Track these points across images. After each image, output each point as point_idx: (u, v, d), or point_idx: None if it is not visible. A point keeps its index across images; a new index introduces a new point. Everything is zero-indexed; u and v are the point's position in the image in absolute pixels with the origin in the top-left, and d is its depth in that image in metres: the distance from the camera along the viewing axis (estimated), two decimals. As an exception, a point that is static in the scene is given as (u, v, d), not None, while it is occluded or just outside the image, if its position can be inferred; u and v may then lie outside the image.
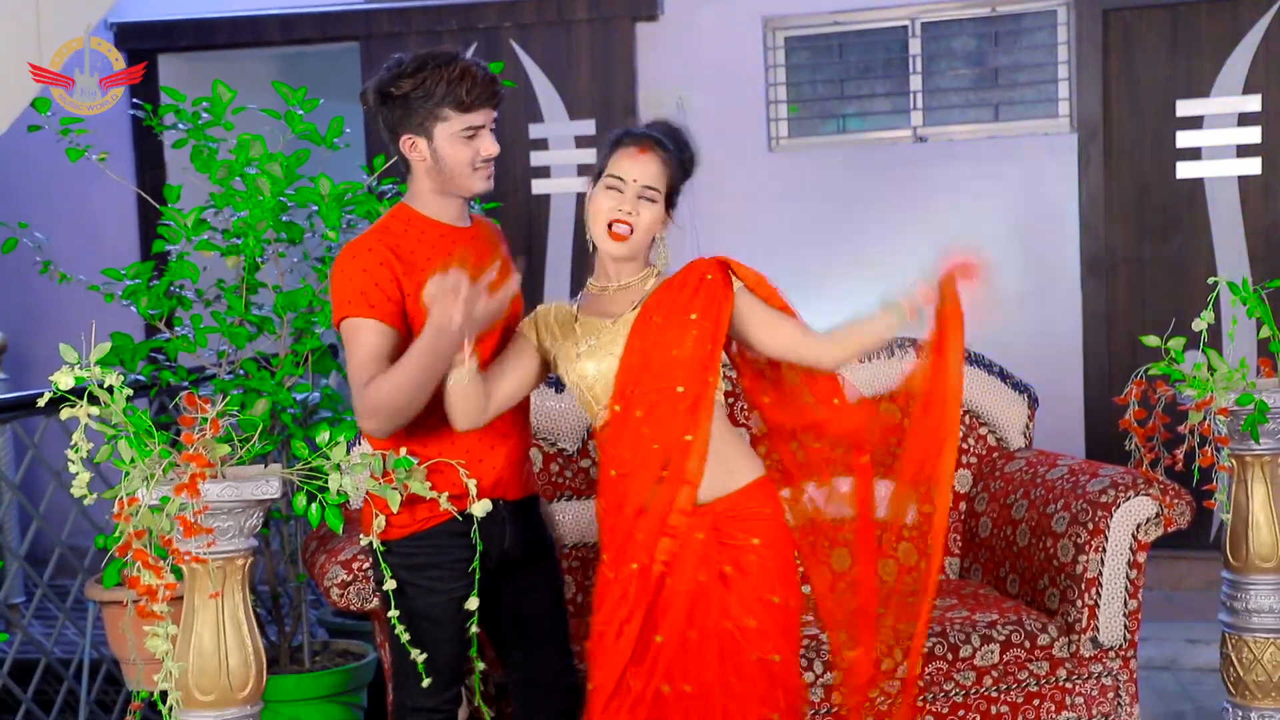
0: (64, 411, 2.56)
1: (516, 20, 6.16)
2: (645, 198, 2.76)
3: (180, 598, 2.73)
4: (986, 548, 3.96)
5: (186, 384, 3.86)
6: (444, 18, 6.20)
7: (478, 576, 2.82)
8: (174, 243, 3.82)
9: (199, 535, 2.60)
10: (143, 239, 6.37)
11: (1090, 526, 3.58)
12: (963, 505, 4.10)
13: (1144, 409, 3.64)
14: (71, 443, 2.56)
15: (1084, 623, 3.58)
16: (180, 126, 3.85)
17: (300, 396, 3.80)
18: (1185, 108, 5.77)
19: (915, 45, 6.01)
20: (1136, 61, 5.82)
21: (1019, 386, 4.15)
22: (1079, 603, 3.58)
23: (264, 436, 2.86)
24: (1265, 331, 3.65)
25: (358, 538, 3.24)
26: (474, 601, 2.82)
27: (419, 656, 2.80)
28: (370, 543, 2.80)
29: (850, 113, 6.15)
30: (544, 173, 6.17)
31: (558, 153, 6.16)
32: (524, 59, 6.15)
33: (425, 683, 2.82)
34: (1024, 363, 4.54)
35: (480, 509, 2.72)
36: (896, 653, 2.91)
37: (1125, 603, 3.59)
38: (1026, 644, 3.57)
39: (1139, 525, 3.58)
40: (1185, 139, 5.79)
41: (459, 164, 2.85)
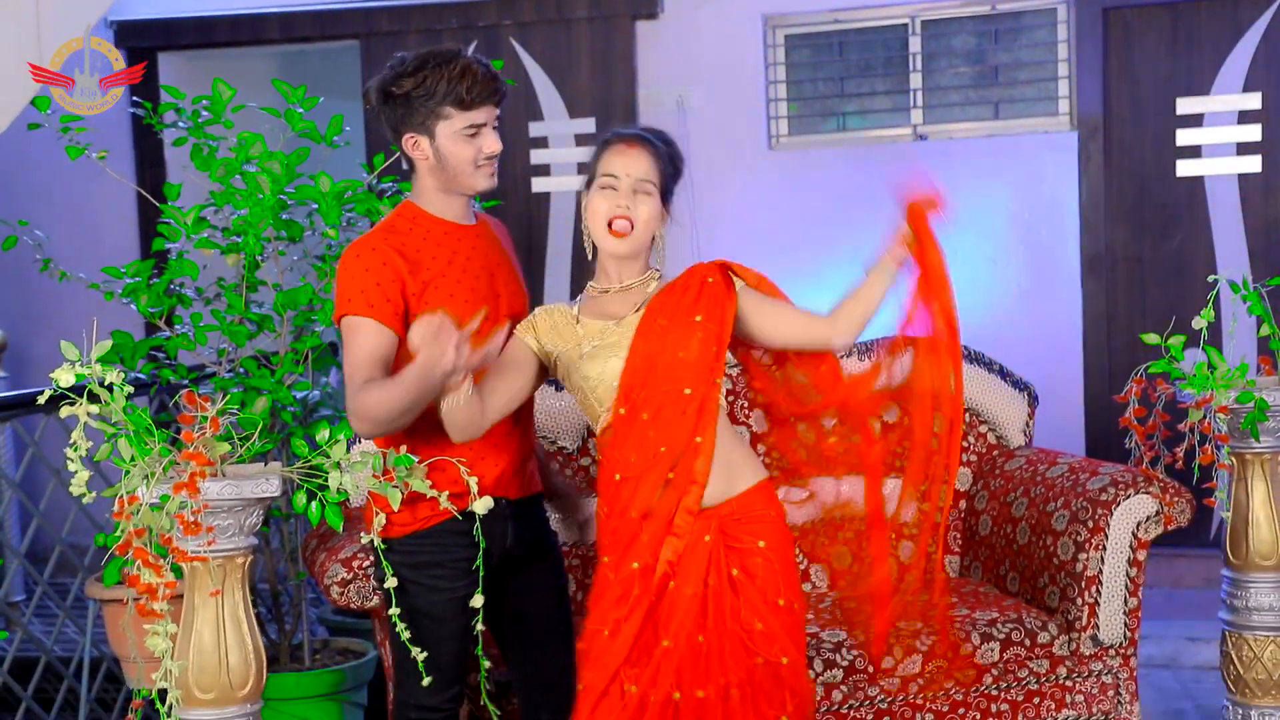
0: (64, 409, 2.56)
1: (516, 18, 6.16)
2: (641, 191, 2.75)
3: (180, 596, 2.74)
4: (986, 546, 3.96)
5: (186, 382, 3.87)
6: (444, 16, 6.20)
7: (481, 574, 2.81)
8: (174, 241, 3.83)
9: (199, 534, 2.60)
10: (143, 237, 6.37)
11: (1090, 524, 3.58)
12: (963, 503, 4.10)
13: (1144, 407, 3.64)
14: (71, 441, 2.55)
15: (1084, 621, 3.58)
16: (180, 125, 3.85)
17: (300, 395, 3.80)
18: (1185, 105, 5.77)
19: (915, 43, 6.01)
20: (1136, 59, 5.82)
21: (1019, 384, 4.15)
22: (1079, 601, 3.58)
23: (264, 435, 2.86)
24: (1265, 329, 3.66)
25: (358, 536, 3.24)
26: (479, 599, 2.81)
27: (420, 655, 2.80)
28: (372, 540, 2.80)
29: (850, 111, 6.15)
30: (544, 171, 6.17)
31: (557, 151, 6.16)
32: (524, 57, 6.14)
33: (425, 681, 2.82)
34: (1024, 361, 4.54)
35: (482, 506, 2.72)
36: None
37: (1125, 600, 3.59)
38: (1027, 642, 3.56)
39: (1139, 523, 3.57)
40: (1185, 137, 5.78)
41: (462, 162, 2.85)
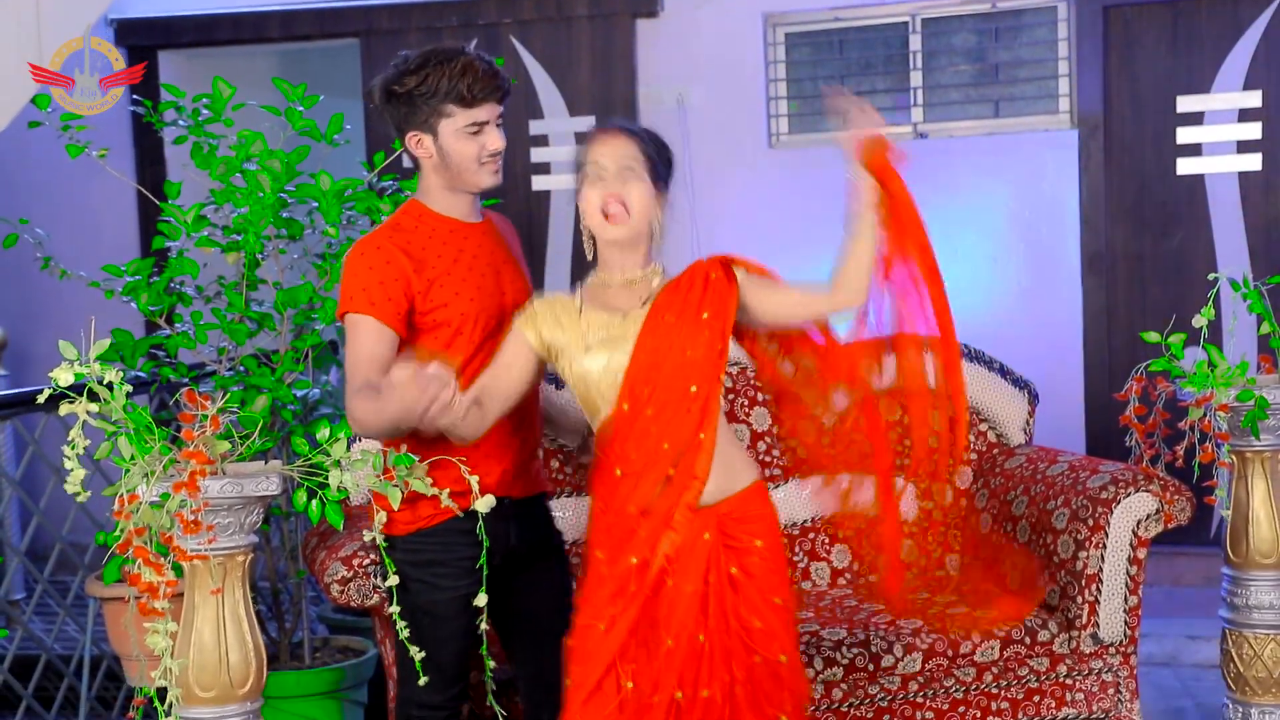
0: (63, 407, 2.56)
1: (517, 16, 6.16)
2: (628, 172, 2.74)
3: (180, 594, 2.74)
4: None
5: (186, 380, 3.86)
6: (444, 14, 6.20)
7: (485, 573, 2.80)
8: (174, 239, 3.83)
9: (199, 532, 2.60)
10: (143, 235, 6.37)
11: (1090, 523, 3.58)
12: (963, 501, 4.10)
13: (1144, 405, 3.64)
14: (68, 439, 2.55)
15: (1084, 619, 3.58)
16: (180, 123, 3.85)
17: (300, 393, 3.80)
18: (1186, 104, 5.77)
19: (916, 41, 6.01)
20: (1137, 57, 5.82)
21: (1019, 383, 4.14)
22: (1079, 599, 3.58)
23: (264, 433, 2.86)
24: (1265, 328, 3.66)
25: (358, 534, 3.24)
26: (483, 598, 2.81)
27: (418, 654, 2.80)
28: (374, 538, 2.80)
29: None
30: (544, 169, 6.17)
31: (558, 149, 6.15)
32: (524, 55, 6.14)
33: (422, 681, 2.81)
34: (1024, 359, 4.53)
35: (484, 505, 2.72)
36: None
37: (1125, 599, 3.59)
38: (1027, 640, 3.56)
39: (1139, 521, 3.57)
40: (1186, 135, 5.78)
41: (465, 159, 2.86)
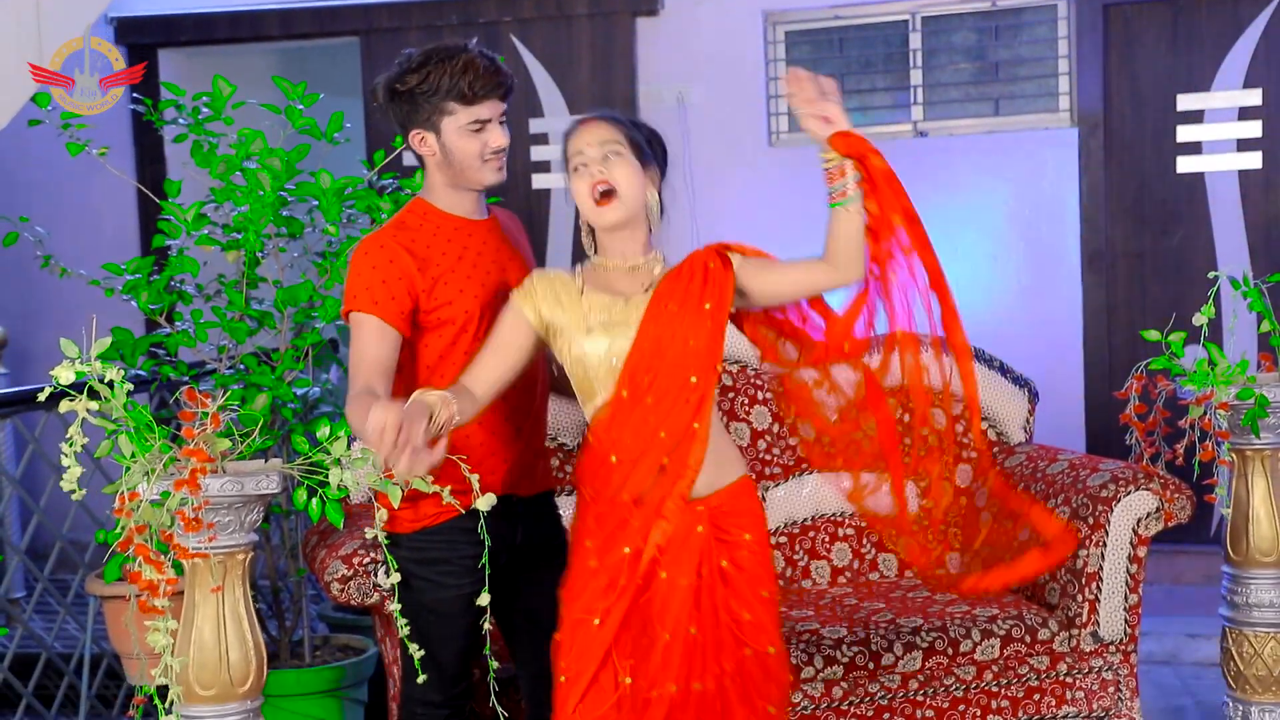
0: (63, 405, 2.56)
1: (516, 15, 6.16)
2: (610, 154, 2.74)
3: (181, 592, 2.74)
4: (987, 542, 3.96)
5: (187, 379, 3.86)
6: (444, 12, 6.20)
7: (488, 572, 2.79)
8: (174, 237, 3.82)
9: (199, 530, 2.60)
10: (143, 234, 6.37)
11: (1091, 521, 3.58)
12: (963, 500, 4.09)
13: (1144, 403, 3.64)
14: (67, 436, 2.55)
15: (1084, 617, 3.58)
16: (180, 121, 3.85)
17: (301, 391, 3.80)
18: (1186, 102, 5.77)
19: (916, 40, 6.01)
20: (1137, 56, 5.82)
21: (1019, 381, 4.14)
22: (1079, 597, 3.58)
23: (264, 431, 2.86)
24: (1266, 326, 3.66)
25: (359, 532, 3.24)
26: (485, 597, 2.79)
27: (417, 652, 2.79)
28: (374, 536, 2.79)
29: (851, 107, 6.04)
30: (544, 167, 6.16)
31: (558, 148, 6.11)
32: (524, 53, 6.14)
33: (420, 678, 2.81)
34: (1024, 357, 4.54)
35: (484, 503, 2.71)
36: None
37: (1126, 597, 3.59)
38: (1027, 639, 3.57)
39: (1139, 520, 3.57)
40: (1186, 133, 5.78)
41: (468, 157, 2.86)
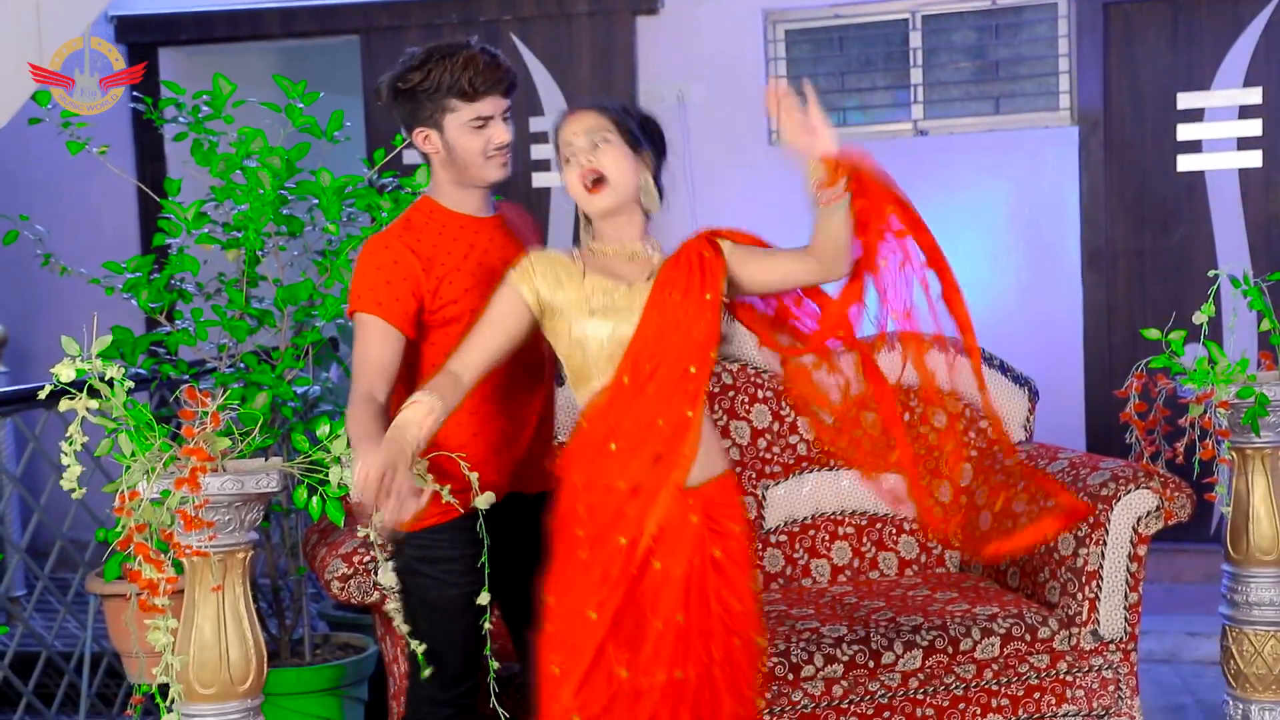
0: (63, 404, 2.56)
1: (517, 13, 6.16)
2: (598, 141, 2.73)
3: (181, 591, 2.74)
4: (987, 541, 3.96)
5: (187, 377, 3.86)
6: (444, 10, 6.20)
7: (487, 571, 2.79)
8: (174, 236, 3.82)
9: (200, 529, 2.60)
10: (143, 232, 6.36)
11: (1091, 519, 3.58)
12: (962, 499, 4.09)
13: (1145, 402, 3.65)
14: (66, 435, 2.55)
15: (1084, 616, 3.58)
16: (180, 120, 3.85)
17: (301, 390, 3.80)
18: (1186, 100, 5.77)
19: (916, 38, 6.01)
20: (1137, 54, 5.82)
21: (1019, 379, 4.14)
22: (1079, 596, 3.58)
23: (264, 430, 2.86)
24: (1266, 324, 3.66)
25: (359, 530, 3.24)
26: (485, 597, 2.78)
27: (419, 648, 2.80)
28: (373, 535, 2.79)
29: (851, 106, 6.14)
30: (544, 166, 6.16)
31: (557, 146, 6.15)
32: (524, 52, 6.14)
33: (425, 673, 2.82)
34: (1024, 356, 4.54)
35: (483, 501, 2.71)
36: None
37: (1126, 596, 3.59)
38: (1027, 637, 3.57)
39: (1139, 518, 3.57)
40: (1186, 132, 5.78)
41: (471, 154, 2.85)
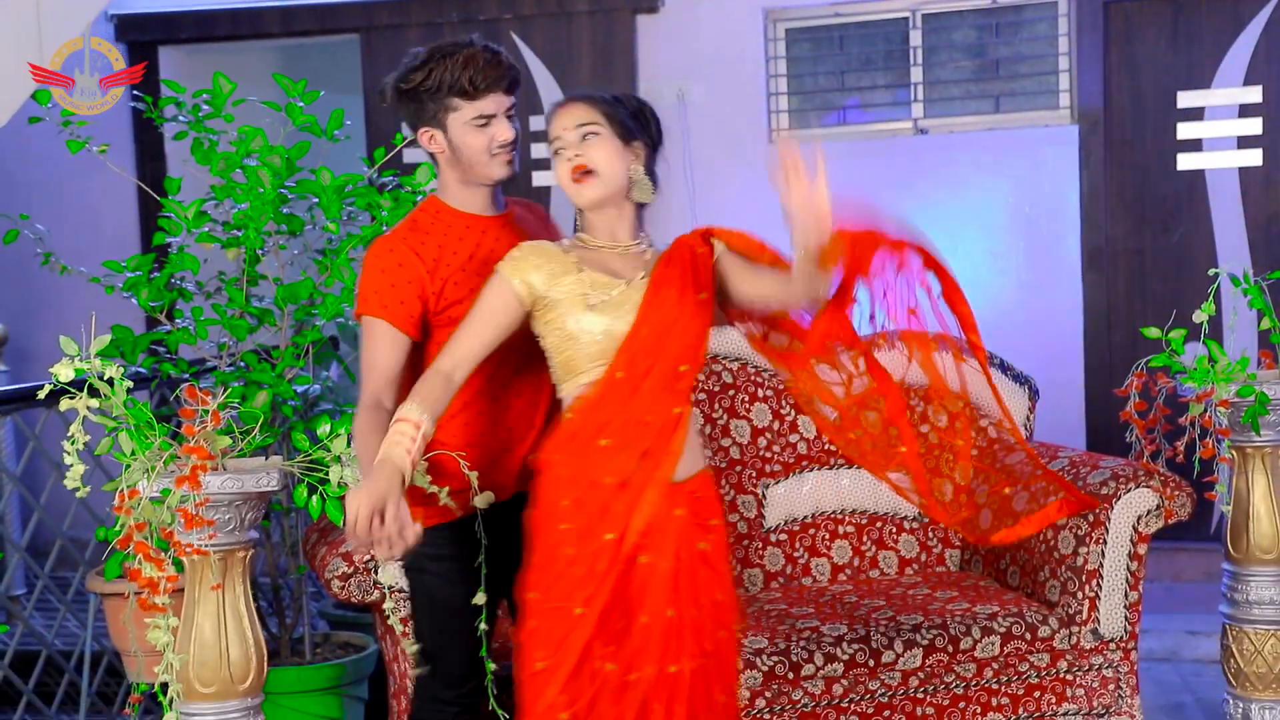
0: (63, 403, 2.56)
1: (517, 12, 6.16)
2: (586, 134, 2.72)
3: (181, 590, 2.74)
4: (987, 540, 3.96)
5: (187, 376, 3.86)
6: (444, 9, 6.20)
7: (484, 572, 2.79)
8: (174, 235, 3.82)
9: (200, 527, 2.60)
10: (143, 231, 6.37)
11: (1091, 518, 3.58)
12: (962, 498, 4.10)
13: (1145, 401, 3.65)
14: (69, 434, 2.55)
15: (1085, 615, 3.58)
16: (180, 119, 3.85)
17: (301, 389, 3.80)
18: (1186, 99, 5.77)
19: (916, 37, 6.01)
20: (1137, 53, 5.82)
21: (1019, 378, 4.14)
22: (1080, 595, 3.58)
23: (265, 429, 2.87)
24: (1266, 323, 3.66)
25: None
26: (481, 597, 2.79)
27: (412, 647, 2.80)
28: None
29: (851, 105, 6.15)
30: (544, 165, 6.16)
31: (556, 144, 6.14)
32: (524, 51, 6.14)
33: (419, 670, 2.81)
34: (1024, 354, 4.54)
35: (482, 501, 2.71)
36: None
37: (1126, 594, 3.59)
38: (1027, 636, 3.57)
39: (1140, 517, 3.58)
40: (1186, 130, 5.78)
41: (475, 152, 2.85)
